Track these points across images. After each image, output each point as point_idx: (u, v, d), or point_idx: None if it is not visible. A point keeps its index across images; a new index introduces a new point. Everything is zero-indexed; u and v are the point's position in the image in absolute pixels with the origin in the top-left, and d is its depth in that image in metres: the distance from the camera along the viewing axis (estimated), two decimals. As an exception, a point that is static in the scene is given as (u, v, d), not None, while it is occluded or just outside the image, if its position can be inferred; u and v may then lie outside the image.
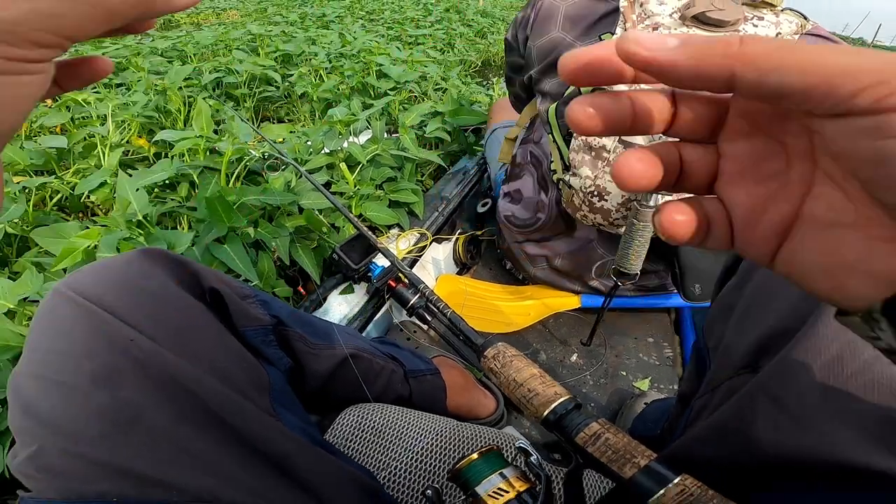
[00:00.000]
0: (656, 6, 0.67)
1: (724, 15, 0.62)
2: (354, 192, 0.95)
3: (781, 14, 0.66)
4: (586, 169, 0.76)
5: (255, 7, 6.25)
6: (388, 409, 0.59)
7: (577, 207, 0.81)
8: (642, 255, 0.74)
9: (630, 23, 0.68)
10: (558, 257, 0.96)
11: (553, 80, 0.79)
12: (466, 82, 2.29)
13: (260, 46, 2.34)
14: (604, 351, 0.99)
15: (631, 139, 0.69)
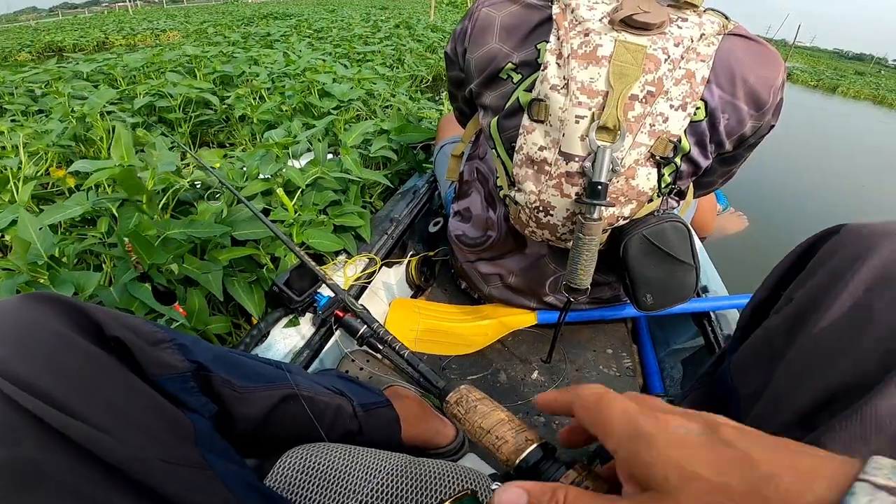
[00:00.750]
0: (586, 12, 0.67)
1: (650, 18, 0.63)
2: (295, 218, 0.89)
3: (704, 15, 0.67)
4: (530, 184, 0.74)
5: (195, 28, 6.08)
6: (334, 449, 0.55)
7: (525, 223, 0.79)
8: (591, 268, 0.73)
9: (563, 29, 0.67)
10: (512, 275, 0.94)
11: (494, 93, 0.77)
12: (416, 98, 2.27)
13: (197, 68, 2.24)
14: (564, 366, 0.98)
15: (570, 150, 0.68)
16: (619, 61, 0.64)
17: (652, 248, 0.74)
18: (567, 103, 0.66)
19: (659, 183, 0.70)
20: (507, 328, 0.98)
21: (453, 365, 0.96)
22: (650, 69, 0.63)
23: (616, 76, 0.64)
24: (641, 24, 0.63)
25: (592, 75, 0.65)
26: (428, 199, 1.28)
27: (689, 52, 0.64)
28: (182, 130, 1.71)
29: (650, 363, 1.00)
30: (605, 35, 0.64)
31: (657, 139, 0.66)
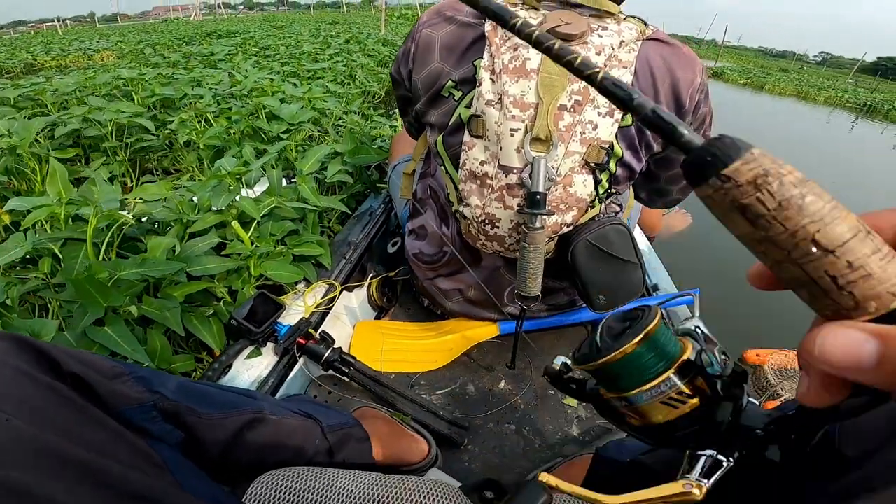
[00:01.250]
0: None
1: (570, 29, 0.66)
2: (252, 251, 0.87)
3: (623, 22, 0.71)
4: (475, 198, 0.76)
5: (131, 48, 5.83)
6: (305, 472, 0.54)
7: (476, 237, 0.82)
8: (539, 276, 0.76)
9: (494, 46, 0.70)
10: (470, 288, 0.96)
11: (438, 110, 0.79)
12: (369, 115, 2.27)
13: (134, 91, 2.16)
14: (530, 373, 1.00)
15: (508, 162, 0.71)
16: (547, 73, 0.67)
17: (597, 251, 0.77)
18: (502, 117, 0.69)
19: (596, 188, 0.74)
20: (471, 341, 1.00)
21: (422, 381, 0.97)
22: (575, 79, 0.67)
23: (544, 88, 0.67)
24: (563, 36, 0.66)
25: (523, 88, 0.68)
26: (385, 220, 1.29)
27: (611, 59, 0.68)
28: (120, 159, 1.63)
29: None
30: (533, 49, 0.68)
31: (589, 146, 0.69)
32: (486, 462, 0.83)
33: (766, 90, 14.03)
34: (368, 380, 0.88)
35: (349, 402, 0.85)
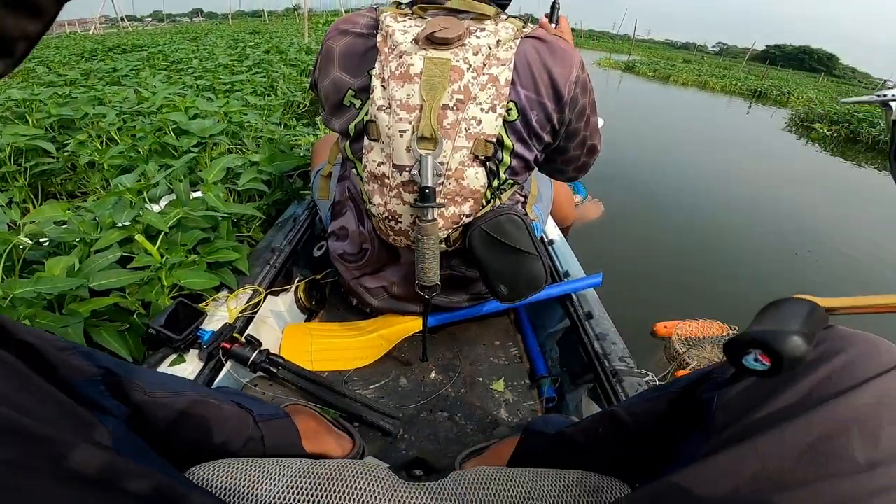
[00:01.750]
0: (401, 36, 0.74)
1: (447, 33, 0.71)
2: (163, 262, 0.86)
3: (501, 23, 0.76)
4: (377, 197, 0.81)
5: (20, 67, 5.35)
6: (236, 463, 0.55)
7: (386, 233, 0.86)
8: (435, 266, 0.80)
9: (383, 55, 0.75)
10: (394, 285, 0.99)
11: (341, 119, 0.82)
12: (291, 125, 2.23)
13: (28, 113, 2.00)
14: (459, 362, 1.04)
15: (400, 161, 0.75)
16: (429, 76, 0.72)
17: (492, 240, 0.81)
18: (391, 120, 0.74)
19: (489, 179, 0.79)
20: (400, 335, 1.03)
21: (355, 377, 0.99)
22: (455, 79, 0.72)
23: (427, 90, 0.72)
24: (442, 40, 0.71)
25: (409, 92, 0.72)
26: (310, 226, 1.29)
27: (490, 58, 0.73)
28: (20, 184, 1.52)
29: (533, 348, 1.09)
30: (416, 54, 0.72)
31: (475, 141, 0.75)
32: (421, 449, 0.85)
33: (672, 81, 15.02)
34: (300, 379, 0.89)
35: (281, 401, 0.85)
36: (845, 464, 0.33)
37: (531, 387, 1.00)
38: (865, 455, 0.33)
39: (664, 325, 1.78)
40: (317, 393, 0.88)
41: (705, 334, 1.75)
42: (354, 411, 0.87)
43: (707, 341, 1.71)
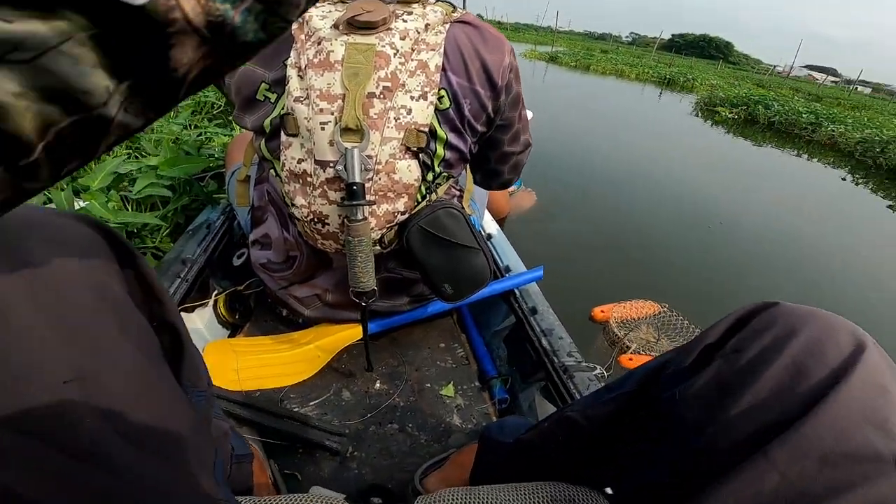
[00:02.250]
0: (319, 21, 0.69)
1: (371, 16, 0.66)
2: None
3: (428, 6, 0.72)
4: (300, 198, 0.74)
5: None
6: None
7: (313, 237, 0.79)
8: (369, 269, 0.75)
9: (299, 42, 0.69)
10: (328, 292, 0.91)
11: (254, 115, 0.74)
12: (203, 126, 2.06)
13: None
14: (404, 369, 0.98)
15: (323, 156, 0.69)
16: (351, 62, 0.66)
17: (431, 236, 0.77)
18: (310, 112, 0.67)
19: (423, 173, 0.74)
20: (339, 345, 0.95)
21: (292, 394, 0.90)
22: (381, 65, 0.66)
23: (349, 78, 0.66)
24: (365, 24, 0.66)
25: (329, 81, 0.66)
26: (227, 231, 1.17)
27: (419, 43, 0.69)
28: None
29: (479, 348, 1.06)
30: (336, 40, 0.67)
31: (406, 131, 0.69)
32: (374, 466, 0.80)
33: (592, 70, 15.76)
34: (227, 403, 0.80)
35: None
36: (871, 465, 0.32)
37: (482, 389, 0.96)
38: (890, 449, 0.32)
39: (601, 309, 1.82)
40: (248, 417, 0.79)
41: (640, 315, 1.82)
42: (294, 432, 0.79)
43: (643, 322, 1.78)
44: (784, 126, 8.64)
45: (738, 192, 4.05)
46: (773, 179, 5.06)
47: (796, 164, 6.22)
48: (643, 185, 3.72)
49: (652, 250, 2.59)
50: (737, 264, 2.60)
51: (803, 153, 6.86)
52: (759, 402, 0.36)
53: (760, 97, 10.50)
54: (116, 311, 0.32)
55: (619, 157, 4.47)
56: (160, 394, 0.33)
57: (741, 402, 0.37)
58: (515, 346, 1.05)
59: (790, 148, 7.11)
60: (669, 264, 2.45)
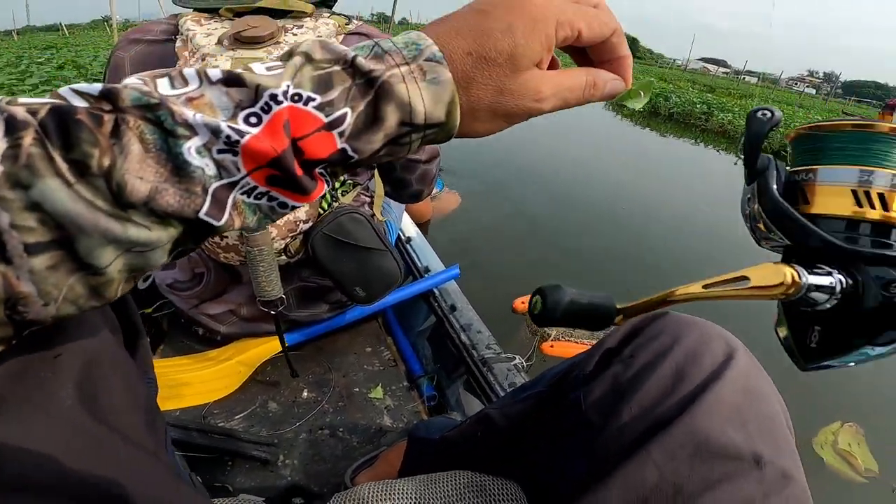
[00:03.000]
0: (203, 39, 0.69)
1: (257, 32, 0.67)
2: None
3: (321, 20, 0.74)
4: None
5: None
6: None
7: (216, 252, 0.79)
8: (273, 278, 0.76)
9: (182, 59, 0.69)
10: (242, 307, 0.90)
11: None
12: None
13: None
14: (331, 376, 0.99)
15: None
16: None
17: (336, 242, 0.78)
18: None
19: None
20: (260, 358, 0.94)
21: (215, 410, 0.89)
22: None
23: None
24: (251, 39, 0.67)
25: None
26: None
27: None
28: None
29: (405, 349, 1.08)
30: (221, 56, 0.67)
31: None
32: (307, 472, 0.80)
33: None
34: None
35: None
36: (733, 463, 0.35)
37: (410, 388, 0.99)
38: (750, 449, 0.35)
39: (521, 300, 1.90)
40: (171, 436, 0.76)
41: (557, 302, 1.91)
42: (220, 445, 0.78)
43: (561, 308, 1.87)
44: (682, 116, 9.42)
45: (644, 180, 4.38)
46: (673, 166, 5.52)
47: (694, 151, 6.81)
48: (557, 177, 3.92)
49: (567, 237, 2.74)
50: (640, 245, 2.81)
51: (700, 141, 7.50)
52: (647, 405, 0.40)
53: (661, 90, 11.34)
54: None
55: (537, 152, 4.65)
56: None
57: (632, 405, 0.40)
58: (439, 344, 1.08)
59: (688, 137, 7.76)
60: (583, 250, 2.61)
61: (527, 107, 0.29)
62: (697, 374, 0.39)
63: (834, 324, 0.26)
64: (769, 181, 0.28)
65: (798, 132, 0.29)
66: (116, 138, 0.23)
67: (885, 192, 0.25)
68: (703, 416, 0.37)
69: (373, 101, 0.26)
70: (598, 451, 0.41)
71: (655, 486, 0.36)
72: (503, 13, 0.28)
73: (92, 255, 0.23)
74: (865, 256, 0.24)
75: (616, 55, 0.33)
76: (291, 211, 0.28)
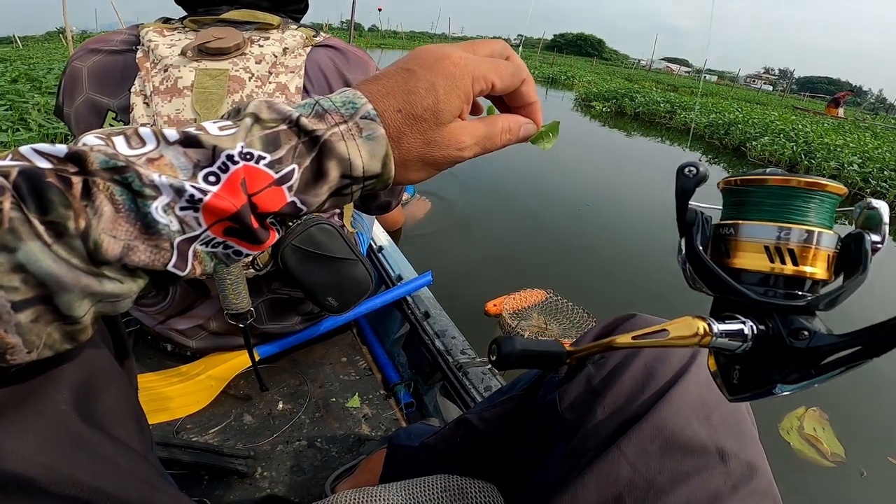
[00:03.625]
0: (166, 50, 0.69)
1: (222, 43, 0.67)
2: None
3: (288, 31, 0.74)
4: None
5: None
6: None
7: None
8: (239, 290, 0.75)
9: (144, 70, 0.69)
10: (211, 321, 0.88)
11: None
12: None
13: None
14: (307, 387, 0.98)
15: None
16: (202, 88, 0.67)
17: (306, 253, 0.78)
18: None
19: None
20: (233, 372, 0.93)
21: (188, 424, 0.87)
22: (235, 89, 0.68)
23: (200, 102, 0.67)
24: (216, 50, 0.67)
25: (178, 107, 0.67)
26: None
27: (277, 66, 0.70)
28: None
29: (381, 358, 1.08)
30: (185, 67, 0.67)
31: None
32: (287, 483, 0.80)
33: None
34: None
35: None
36: (700, 458, 0.36)
37: (387, 396, 0.99)
38: (714, 443, 0.37)
39: (493, 303, 1.92)
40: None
41: (529, 303, 1.95)
42: (196, 460, 0.77)
43: (533, 310, 1.91)
44: (647, 115, 9.66)
45: (612, 179, 4.47)
46: (640, 164, 5.66)
47: (659, 149, 6.99)
48: (523, 179, 3.97)
49: (535, 240, 2.78)
50: (606, 244, 2.88)
51: (665, 139, 7.71)
52: (620, 403, 0.41)
53: (626, 90, 11.61)
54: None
55: (506, 156, 4.70)
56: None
57: (605, 404, 0.42)
58: (414, 351, 1.09)
59: (654, 135, 7.96)
60: (550, 251, 2.65)
61: (451, 156, 0.33)
62: (666, 371, 0.41)
63: (751, 364, 0.28)
64: (694, 236, 0.30)
65: (725, 184, 0.31)
66: (88, 200, 0.24)
67: (795, 248, 0.27)
68: (669, 411, 0.39)
69: (317, 158, 0.29)
70: (575, 450, 0.42)
71: (629, 481, 0.37)
72: (426, 72, 0.31)
73: (71, 309, 0.25)
74: (778, 307, 0.26)
75: (527, 101, 0.37)
76: (246, 258, 0.31)
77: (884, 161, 5.95)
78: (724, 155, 6.93)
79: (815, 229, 0.27)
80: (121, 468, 0.31)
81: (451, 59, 0.31)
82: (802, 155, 6.22)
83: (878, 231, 0.27)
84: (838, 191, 0.28)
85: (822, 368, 0.24)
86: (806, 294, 0.27)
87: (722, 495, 0.35)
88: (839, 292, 0.26)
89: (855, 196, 5.36)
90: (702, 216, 0.31)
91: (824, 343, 0.25)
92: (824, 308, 0.27)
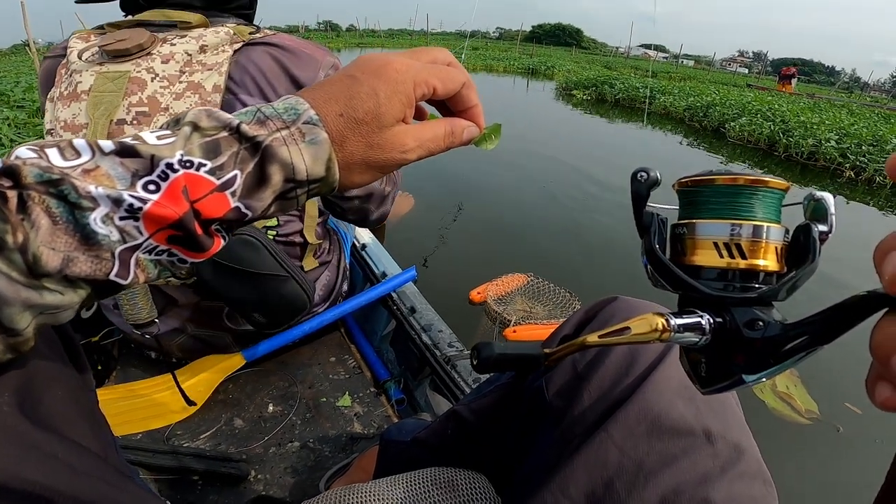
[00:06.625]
0: (74, 56, 0.69)
1: (123, 44, 0.67)
2: None
3: (210, 29, 0.70)
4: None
5: None
6: None
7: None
8: (137, 302, 0.75)
9: (58, 76, 0.71)
10: (189, 324, 0.87)
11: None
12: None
13: None
14: (297, 389, 0.98)
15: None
16: (98, 91, 0.67)
17: (225, 268, 0.72)
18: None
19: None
20: (220, 375, 0.92)
21: (178, 431, 0.87)
22: (134, 91, 0.66)
23: (93, 107, 0.66)
24: (116, 52, 0.67)
25: (75, 111, 0.67)
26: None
27: (190, 65, 0.68)
28: None
29: (369, 355, 1.07)
30: (87, 71, 0.68)
31: None
32: (282, 485, 0.80)
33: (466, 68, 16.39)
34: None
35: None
36: (687, 439, 0.37)
37: (378, 393, 0.99)
38: (700, 424, 0.37)
39: (476, 291, 1.92)
40: (133, 459, 0.75)
41: (512, 288, 1.96)
42: (188, 465, 0.76)
43: (517, 294, 1.92)
44: (627, 102, 9.72)
45: (592, 164, 4.50)
46: (624, 149, 5.70)
47: (642, 134, 7.05)
48: (501, 169, 3.98)
49: (511, 226, 2.81)
50: (584, 227, 2.91)
51: (648, 125, 7.78)
52: (605, 386, 0.42)
53: (605, 78, 11.67)
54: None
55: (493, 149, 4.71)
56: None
57: (591, 388, 0.42)
58: (402, 347, 1.09)
59: (635, 121, 8.02)
60: (526, 234, 2.68)
61: (395, 158, 0.33)
62: (649, 354, 0.42)
63: (714, 357, 0.29)
64: (652, 238, 0.31)
65: (679, 185, 0.32)
66: (24, 213, 0.24)
67: (744, 243, 0.28)
68: (654, 393, 0.39)
69: (259, 163, 0.29)
70: (563, 435, 0.42)
71: (619, 464, 0.37)
72: (368, 78, 0.32)
73: (13, 322, 0.25)
74: (731, 300, 0.28)
75: (468, 105, 0.37)
76: (190, 266, 0.31)
77: (861, 136, 6.06)
78: (704, 137, 6.99)
79: (763, 224, 0.28)
80: (74, 467, 0.31)
81: (393, 66, 0.32)
82: (780, 133, 6.29)
83: (826, 221, 0.28)
84: (780, 186, 0.29)
85: (781, 356, 0.25)
86: (759, 286, 0.28)
87: (711, 476, 0.35)
88: (791, 282, 0.27)
89: (834, 171, 5.46)
90: (657, 217, 0.32)
91: (776, 333, 0.26)
92: (782, 298, 0.28)
